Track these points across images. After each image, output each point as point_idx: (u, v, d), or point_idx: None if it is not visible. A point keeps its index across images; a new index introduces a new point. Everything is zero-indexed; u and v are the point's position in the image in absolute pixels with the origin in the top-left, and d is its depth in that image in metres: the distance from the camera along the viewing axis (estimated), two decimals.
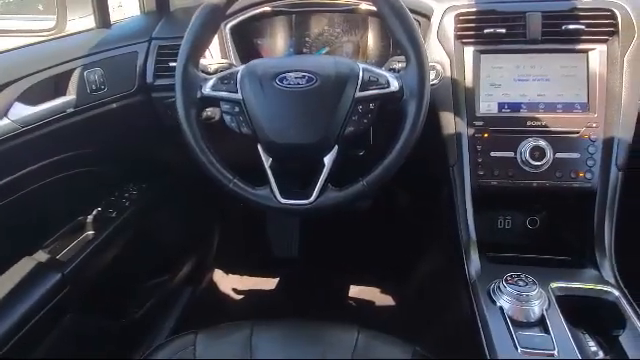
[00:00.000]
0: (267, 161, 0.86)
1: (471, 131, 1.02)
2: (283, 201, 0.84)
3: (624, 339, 0.79)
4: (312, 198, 0.83)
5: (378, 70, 0.84)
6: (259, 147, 0.86)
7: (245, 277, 1.76)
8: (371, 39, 1.21)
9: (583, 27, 1.00)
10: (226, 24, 1.13)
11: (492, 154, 1.01)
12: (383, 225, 1.77)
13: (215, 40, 1.13)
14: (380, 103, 0.83)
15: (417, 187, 1.61)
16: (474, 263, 0.98)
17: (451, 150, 1.03)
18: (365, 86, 0.82)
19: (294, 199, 0.84)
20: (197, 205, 1.61)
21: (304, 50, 1.21)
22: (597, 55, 1.00)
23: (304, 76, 0.82)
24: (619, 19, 0.99)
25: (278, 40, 1.23)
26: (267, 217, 1.84)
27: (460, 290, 1.00)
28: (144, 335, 1.33)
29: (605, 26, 1.00)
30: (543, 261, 1.02)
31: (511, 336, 0.77)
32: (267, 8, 1.10)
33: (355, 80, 0.82)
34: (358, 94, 0.82)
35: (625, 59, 0.99)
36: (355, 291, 1.71)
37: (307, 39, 1.21)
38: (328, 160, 0.84)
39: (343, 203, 0.84)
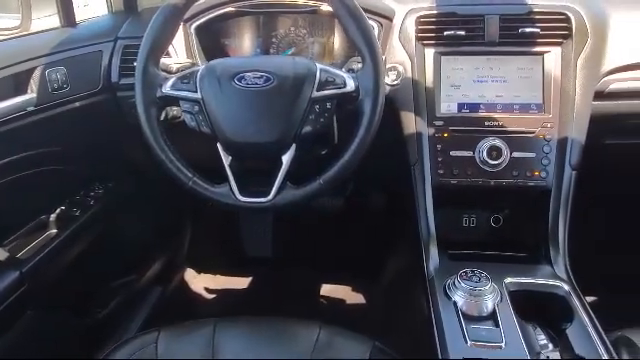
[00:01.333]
0: (226, 159, 0.87)
1: (431, 131, 1.04)
2: (242, 199, 0.85)
3: (571, 332, 0.82)
4: (270, 196, 0.85)
5: (335, 70, 0.86)
6: (218, 146, 0.87)
7: (217, 276, 1.77)
8: (337, 40, 1.22)
9: (539, 30, 1.03)
10: (191, 24, 1.13)
11: (452, 153, 1.03)
12: (355, 224, 1.79)
13: (181, 40, 1.14)
14: (337, 103, 0.85)
15: (387, 187, 1.63)
16: (433, 260, 1.00)
17: (412, 149, 1.05)
18: (322, 86, 0.84)
19: (253, 197, 0.86)
20: (168, 204, 1.61)
21: (271, 51, 1.22)
22: (552, 57, 1.03)
23: (262, 76, 0.83)
24: (573, 23, 1.02)
25: (245, 40, 1.24)
26: (240, 216, 1.85)
27: (420, 287, 1.02)
28: (109, 334, 1.32)
29: (560, 29, 1.03)
30: (501, 258, 1.05)
31: (462, 330, 0.80)
32: (230, 9, 1.11)
33: (312, 80, 0.84)
34: (315, 94, 0.84)
35: (578, 61, 1.02)
36: (327, 289, 1.73)
37: (274, 40, 1.22)
38: (286, 159, 0.85)
39: (300, 200, 0.86)
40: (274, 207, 0.85)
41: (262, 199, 0.85)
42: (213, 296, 1.69)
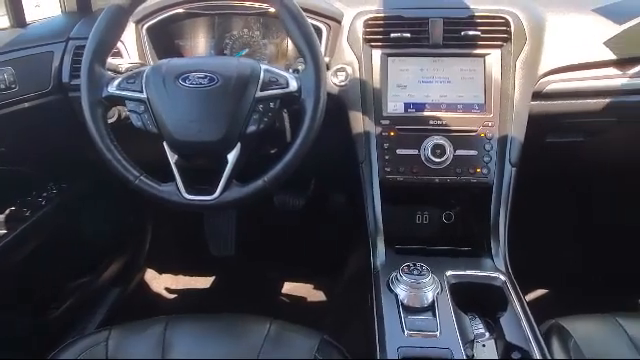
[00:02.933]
0: (172, 158, 0.88)
1: (378, 130, 1.07)
2: (188, 197, 0.87)
3: (504, 320, 0.86)
4: (216, 194, 0.86)
5: (278, 71, 0.88)
6: (164, 145, 0.88)
7: (179, 276, 1.77)
8: (290, 42, 1.25)
9: (480, 33, 1.07)
10: (143, 25, 1.14)
11: (398, 151, 1.06)
12: (317, 224, 1.82)
13: (133, 41, 1.15)
14: (281, 102, 0.87)
15: (347, 186, 1.67)
16: (380, 254, 1.04)
17: (360, 148, 1.08)
18: (265, 86, 0.86)
19: (198, 195, 0.87)
20: (126, 205, 1.60)
21: (225, 52, 1.24)
22: (493, 59, 1.08)
23: (206, 76, 0.85)
24: (512, 27, 1.07)
25: (199, 41, 1.25)
26: (204, 216, 1.86)
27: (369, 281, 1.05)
28: (63, 335, 1.31)
29: (500, 32, 1.08)
30: (446, 252, 1.08)
31: (400, 321, 0.83)
32: (180, 10, 1.13)
33: (256, 80, 0.86)
34: (259, 94, 0.86)
35: (517, 63, 1.07)
36: (289, 288, 1.75)
37: (227, 41, 1.23)
38: (231, 157, 0.87)
39: (245, 199, 0.87)
40: (219, 205, 0.87)
41: (208, 197, 0.87)
42: (174, 296, 1.69)
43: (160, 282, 1.73)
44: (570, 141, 1.21)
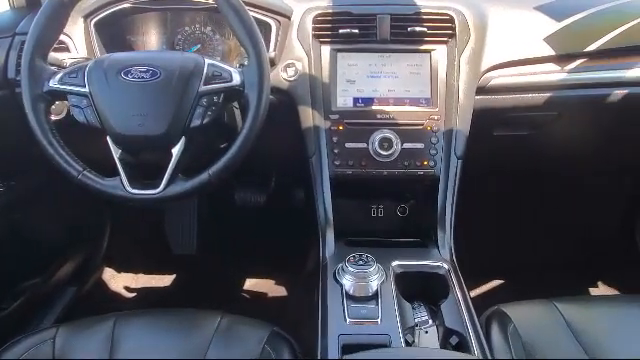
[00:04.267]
0: (116, 153, 0.88)
1: (328, 124, 1.09)
2: (132, 191, 0.87)
3: (445, 307, 0.89)
4: (160, 188, 0.87)
5: (222, 65, 0.89)
6: (108, 139, 0.88)
7: (140, 275, 1.75)
8: None
9: (426, 29, 1.10)
10: (91, 20, 1.13)
11: (347, 145, 1.08)
12: (278, 220, 1.82)
13: (81, 35, 1.13)
14: (224, 96, 0.88)
15: (306, 182, 1.68)
16: (329, 247, 1.05)
17: (310, 142, 1.10)
18: (209, 80, 0.87)
19: (143, 189, 0.87)
20: (82, 202, 1.58)
21: (176, 47, 1.23)
22: (438, 55, 1.11)
23: (148, 70, 0.85)
24: (457, 23, 1.10)
25: (151, 37, 1.24)
26: (165, 214, 1.84)
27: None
28: (14, 334, 1.29)
29: (445, 29, 1.11)
30: (396, 243, 1.11)
31: (343, 309, 0.85)
32: (126, 5, 1.12)
33: (199, 74, 0.87)
34: (202, 88, 0.86)
35: (461, 59, 1.10)
36: (250, 284, 1.76)
37: (179, 37, 1.23)
38: (176, 151, 0.87)
39: (190, 192, 0.88)
40: (163, 199, 0.87)
41: (152, 191, 0.87)
42: (133, 295, 1.68)
43: (119, 281, 1.71)
44: (516, 134, 1.26)
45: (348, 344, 0.78)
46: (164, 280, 1.75)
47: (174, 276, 1.77)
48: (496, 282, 1.65)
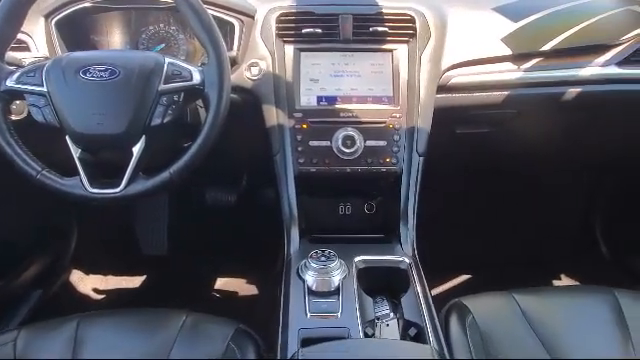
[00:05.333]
0: (76, 152, 0.88)
1: (291, 122, 1.10)
2: (92, 190, 0.87)
3: (405, 300, 0.91)
4: (121, 187, 0.87)
5: (182, 64, 0.90)
6: (67, 139, 0.87)
7: (109, 276, 1.74)
8: None
9: (387, 29, 1.12)
10: (52, 19, 1.12)
11: (311, 143, 1.10)
12: (250, 219, 1.83)
13: (42, 35, 1.12)
14: (185, 95, 0.89)
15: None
16: (294, 244, 1.07)
17: (274, 140, 1.11)
18: (169, 79, 0.87)
19: (103, 188, 0.87)
20: (47, 203, 1.56)
21: (140, 47, 1.23)
22: (400, 54, 1.13)
23: (107, 69, 0.85)
24: (417, 23, 1.13)
25: (115, 36, 1.23)
26: (135, 215, 1.83)
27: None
28: None
29: (406, 29, 1.13)
30: (361, 239, 1.13)
31: (304, 304, 0.86)
32: (87, 4, 1.11)
33: (159, 73, 0.87)
34: (162, 87, 0.87)
35: (422, 58, 1.13)
36: (221, 283, 1.76)
37: (143, 36, 1.23)
38: (136, 150, 0.87)
39: (151, 191, 0.88)
40: (124, 198, 0.87)
41: (112, 190, 0.87)
42: (103, 296, 1.66)
43: (87, 282, 1.69)
44: (478, 132, 1.29)
45: (307, 338, 0.79)
46: (134, 281, 1.74)
47: (145, 277, 1.76)
48: (460, 277, 1.69)
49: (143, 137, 0.87)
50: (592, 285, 1.08)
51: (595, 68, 1.16)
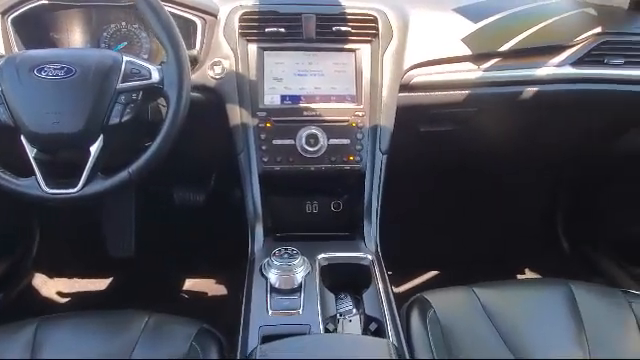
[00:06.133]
0: (31, 152, 0.86)
1: (255, 121, 1.10)
2: (48, 191, 0.85)
3: (366, 296, 0.93)
4: (78, 187, 0.86)
5: (141, 62, 0.89)
6: (22, 138, 0.86)
7: (75, 279, 1.70)
8: None
9: (351, 29, 1.13)
10: (8, 16, 1.09)
11: (274, 142, 1.10)
12: (218, 219, 1.82)
13: None
14: (144, 94, 0.88)
15: None
16: (258, 242, 1.07)
17: (238, 139, 1.11)
18: (127, 78, 0.86)
19: (60, 188, 0.86)
20: (6, 204, 1.52)
21: (102, 45, 1.21)
22: (363, 54, 1.15)
23: (63, 67, 0.84)
24: (380, 23, 1.14)
25: (76, 34, 1.21)
26: (102, 216, 1.80)
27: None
28: None
29: (369, 29, 1.14)
30: (326, 237, 1.13)
31: (266, 302, 0.87)
32: (44, 1, 1.09)
33: (117, 72, 0.86)
34: (120, 85, 0.86)
35: (384, 58, 1.14)
36: (190, 284, 1.74)
37: (105, 34, 1.21)
38: (94, 149, 0.86)
39: (110, 191, 0.87)
40: (82, 198, 0.86)
41: (70, 190, 0.86)
42: (66, 300, 1.63)
43: (51, 286, 1.65)
44: (441, 130, 1.31)
45: (268, 335, 0.80)
46: (100, 283, 1.71)
47: (111, 279, 1.73)
48: (426, 274, 1.72)
49: (101, 136, 0.86)
50: (549, 278, 1.11)
51: (551, 68, 1.20)
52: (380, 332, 0.85)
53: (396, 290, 1.59)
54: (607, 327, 0.97)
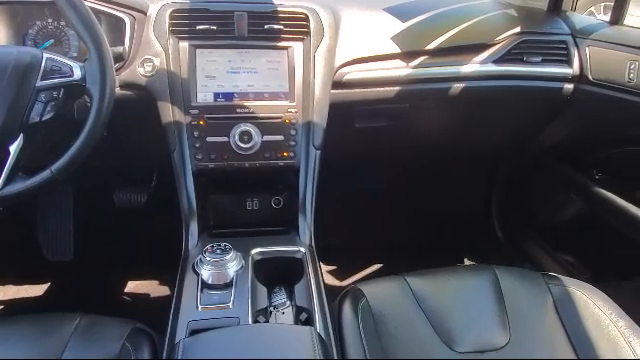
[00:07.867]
0: None
1: (188, 119, 1.10)
2: None
3: (298, 288, 0.95)
4: None
5: (63, 59, 0.87)
6: None
7: (8, 286, 1.64)
8: None
9: (283, 27, 1.15)
10: None
11: (208, 139, 1.10)
12: (161, 218, 1.79)
13: None
14: (65, 92, 0.86)
15: None
16: (192, 239, 1.07)
17: (171, 137, 1.10)
18: (47, 75, 0.85)
19: None
20: None
21: (28, 42, 1.17)
22: (295, 51, 1.16)
23: None
24: (312, 22, 1.16)
25: (0, 32, 1.17)
26: (37, 219, 1.74)
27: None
28: None
29: (301, 27, 1.16)
30: (261, 232, 1.15)
31: (196, 298, 0.87)
32: None
33: (36, 69, 0.84)
34: (39, 83, 0.84)
35: (316, 55, 1.16)
36: (132, 286, 1.71)
37: (30, 31, 1.17)
38: (14, 148, 0.84)
39: (32, 190, 0.85)
40: (2, 198, 0.83)
41: None
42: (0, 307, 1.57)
43: None
44: (376, 126, 1.35)
45: (196, 329, 0.80)
46: (37, 289, 1.65)
47: (48, 284, 1.68)
48: (365, 266, 1.76)
49: (21, 135, 0.84)
50: (477, 265, 1.17)
51: (475, 65, 1.26)
52: (310, 322, 0.87)
53: (336, 282, 1.63)
54: (527, 307, 1.03)
